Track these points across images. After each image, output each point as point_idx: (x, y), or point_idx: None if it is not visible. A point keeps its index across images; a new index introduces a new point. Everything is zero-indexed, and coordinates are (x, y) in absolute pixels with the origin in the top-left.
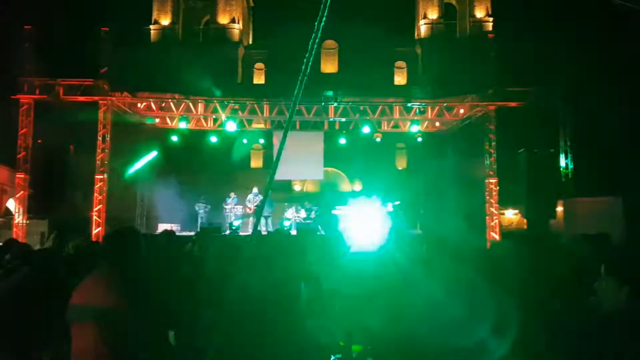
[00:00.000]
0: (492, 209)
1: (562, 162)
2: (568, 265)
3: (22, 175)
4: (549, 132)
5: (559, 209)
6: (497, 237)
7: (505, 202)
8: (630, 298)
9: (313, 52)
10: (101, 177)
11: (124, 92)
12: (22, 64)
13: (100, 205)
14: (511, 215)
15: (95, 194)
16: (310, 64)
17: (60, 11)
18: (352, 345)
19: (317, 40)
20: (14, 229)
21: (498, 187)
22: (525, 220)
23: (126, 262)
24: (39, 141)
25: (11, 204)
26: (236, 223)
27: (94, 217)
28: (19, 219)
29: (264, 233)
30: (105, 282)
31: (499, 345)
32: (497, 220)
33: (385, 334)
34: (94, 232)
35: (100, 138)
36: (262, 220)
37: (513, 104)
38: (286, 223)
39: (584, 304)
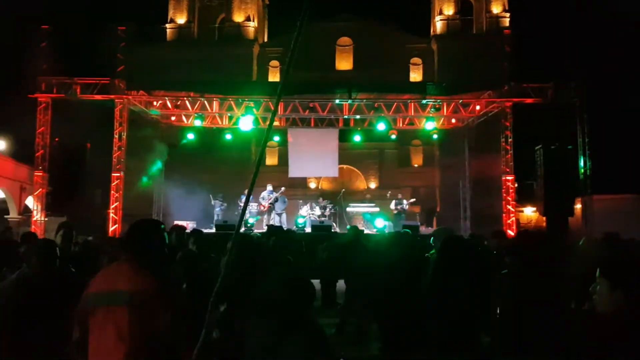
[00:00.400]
0: (509, 207)
1: (580, 158)
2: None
3: (41, 173)
4: (567, 128)
5: (578, 206)
6: (513, 235)
7: (523, 199)
8: (624, 301)
9: (296, 50)
10: (117, 174)
11: (140, 90)
12: (40, 63)
13: (117, 203)
14: (530, 212)
15: (112, 192)
16: (292, 63)
17: (77, 11)
18: None
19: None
20: (33, 226)
21: (515, 185)
22: (544, 218)
23: (151, 250)
24: (56, 140)
25: (30, 202)
26: (251, 220)
27: (111, 215)
28: (37, 216)
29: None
30: (135, 268)
31: None
32: (513, 218)
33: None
34: (111, 229)
35: (116, 136)
36: (277, 218)
37: (530, 100)
38: (300, 220)
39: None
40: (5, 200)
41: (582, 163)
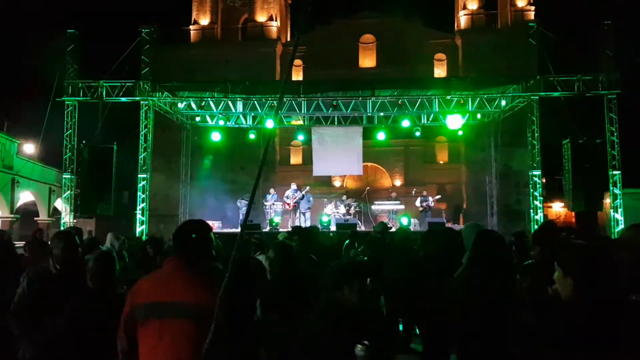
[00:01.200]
0: (537, 202)
1: (610, 152)
2: None
3: (69, 176)
4: (596, 121)
5: (607, 201)
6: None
7: (551, 195)
8: (574, 289)
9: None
10: (144, 176)
11: (164, 92)
12: (66, 66)
13: (144, 204)
14: (558, 208)
15: (139, 193)
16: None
17: (102, 14)
18: None
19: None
20: (62, 228)
21: (543, 180)
22: (573, 214)
23: (203, 253)
24: (83, 142)
25: (59, 204)
26: (276, 219)
27: (138, 215)
28: (66, 218)
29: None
30: (192, 275)
31: None
32: (541, 214)
33: None
34: (138, 229)
35: (142, 137)
36: (302, 217)
37: (557, 94)
38: (325, 219)
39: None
40: (35, 203)
41: (611, 157)
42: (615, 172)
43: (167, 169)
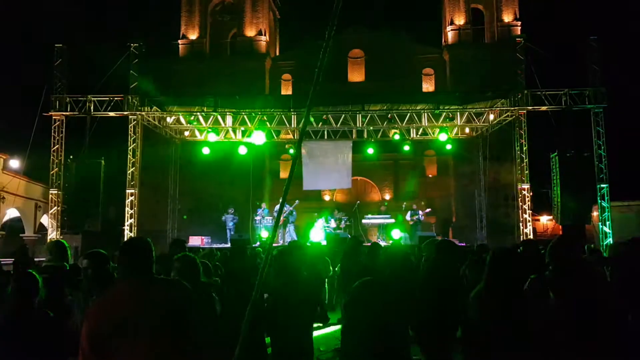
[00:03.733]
0: (525, 216)
1: (597, 166)
2: None
3: (55, 191)
4: (583, 134)
5: (594, 213)
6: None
7: (539, 208)
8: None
9: (323, 67)
10: (132, 191)
11: (153, 106)
12: (53, 81)
13: (132, 219)
14: (546, 221)
15: (127, 208)
16: (320, 79)
17: (91, 29)
18: None
19: (326, 54)
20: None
21: (531, 193)
22: (560, 227)
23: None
24: (71, 157)
25: (45, 220)
26: (263, 234)
27: (126, 231)
28: (52, 234)
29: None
30: (146, 285)
31: None
32: (530, 227)
33: None
34: None
35: (130, 152)
36: (291, 230)
37: (544, 108)
38: (315, 233)
39: None
40: (20, 219)
41: (598, 170)
42: (603, 185)
43: (155, 184)
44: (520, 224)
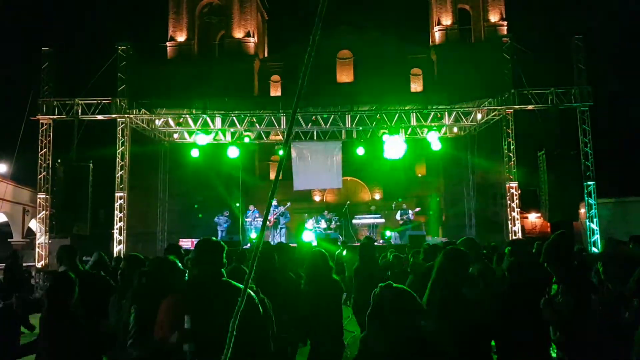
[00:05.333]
0: (514, 214)
1: (584, 163)
2: None
3: (43, 195)
4: (570, 133)
5: (582, 210)
6: None
7: (527, 206)
8: None
9: (309, 67)
10: (121, 194)
11: (141, 109)
12: (41, 85)
13: (121, 223)
14: (534, 219)
15: (116, 211)
16: (306, 80)
17: (78, 31)
18: None
19: (312, 55)
20: (37, 249)
21: (519, 191)
22: (548, 224)
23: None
24: (59, 161)
25: (33, 224)
26: (253, 236)
27: (115, 235)
28: (41, 238)
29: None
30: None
31: None
32: (519, 225)
33: None
34: (116, 249)
35: (118, 156)
36: (279, 232)
37: (531, 107)
38: (306, 234)
39: None
40: (8, 224)
41: (585, 168)
42: (589, 183)
43: (145, 186)
44: (509, 222)
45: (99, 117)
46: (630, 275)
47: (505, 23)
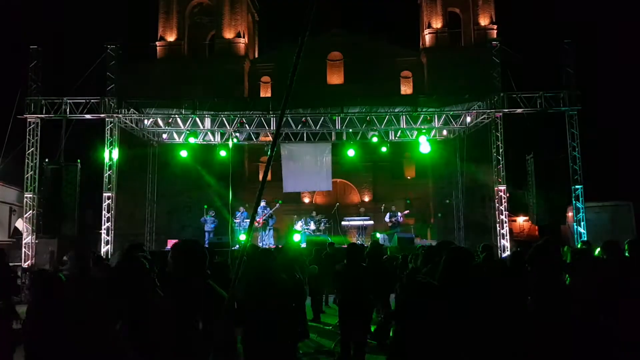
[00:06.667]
0: (502, 217)
1: (572, 167)
2: None
3: (30, 195)
4: (558, 136)
5: (569, 214)
6: (507, 244)
7: (515, 209)
8: None
9: (297, 67)
10: (109, 194)
11: (130, 108)
12: (29, 83)
13: (109, 223)
14: (522, 221)
15: (104, 212)
16: (294, 79)
17: (67, 30)
18: None
19: (300, 56)
20: (23, 249)
21: (508, 194)
22: (536, 227)
23: None
24: (46, 160)
25: (20, 224)
26: (242, 237)
27: (103, 235)
28: (27, 238)
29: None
30: None
31: None
32: (507, 228)
33: None
34: (103, 249)
35: (107, 155)
36: (268, 234)
37: (520, 111)
38: (296, 236)
39: None
40: None
41: (573, 171)
42: (577, 186)
43: (133, 187)
44: (497, 225)
45: (87, 116)
46: None
47: (495, 27)
